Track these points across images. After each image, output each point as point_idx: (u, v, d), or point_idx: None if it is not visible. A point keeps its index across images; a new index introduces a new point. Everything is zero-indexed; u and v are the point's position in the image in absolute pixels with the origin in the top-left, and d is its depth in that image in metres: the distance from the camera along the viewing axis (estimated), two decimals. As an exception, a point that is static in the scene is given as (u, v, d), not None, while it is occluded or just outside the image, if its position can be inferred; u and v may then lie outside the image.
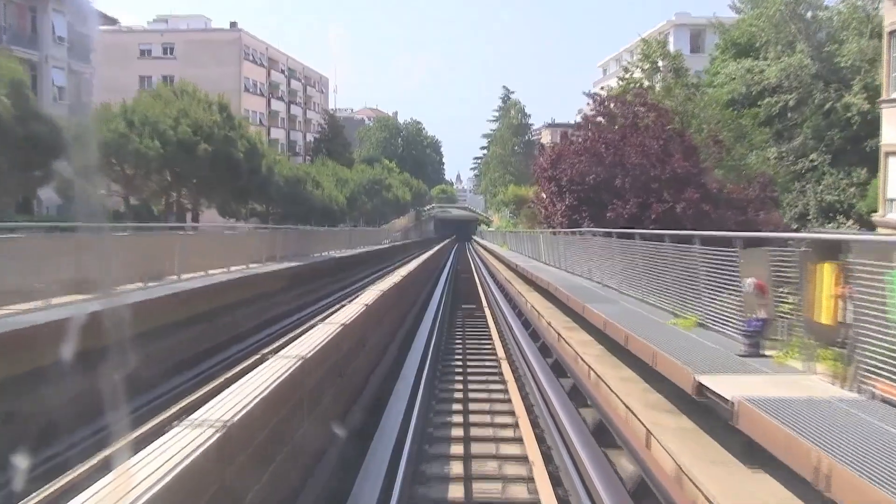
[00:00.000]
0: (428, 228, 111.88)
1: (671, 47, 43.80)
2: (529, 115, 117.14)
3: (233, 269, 17.67)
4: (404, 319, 16.96)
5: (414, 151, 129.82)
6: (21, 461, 5.97)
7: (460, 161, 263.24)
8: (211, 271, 16.02)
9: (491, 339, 16.72)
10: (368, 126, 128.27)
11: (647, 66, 36.20)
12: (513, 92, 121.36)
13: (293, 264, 21.36)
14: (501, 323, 19.39)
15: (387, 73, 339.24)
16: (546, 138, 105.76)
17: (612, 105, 24.84)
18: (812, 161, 35.45)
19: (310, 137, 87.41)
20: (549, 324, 14.85)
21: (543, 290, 19.28)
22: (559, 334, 13.49)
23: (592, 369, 10.18)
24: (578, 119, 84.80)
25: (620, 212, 21.69)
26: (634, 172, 22.30)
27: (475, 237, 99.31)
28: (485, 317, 20.37)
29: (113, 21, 53.55)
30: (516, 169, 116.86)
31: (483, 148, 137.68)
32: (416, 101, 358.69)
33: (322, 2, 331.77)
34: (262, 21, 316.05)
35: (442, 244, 67.57)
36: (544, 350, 14.64)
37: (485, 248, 54.33)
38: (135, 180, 23.22)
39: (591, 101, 25.74)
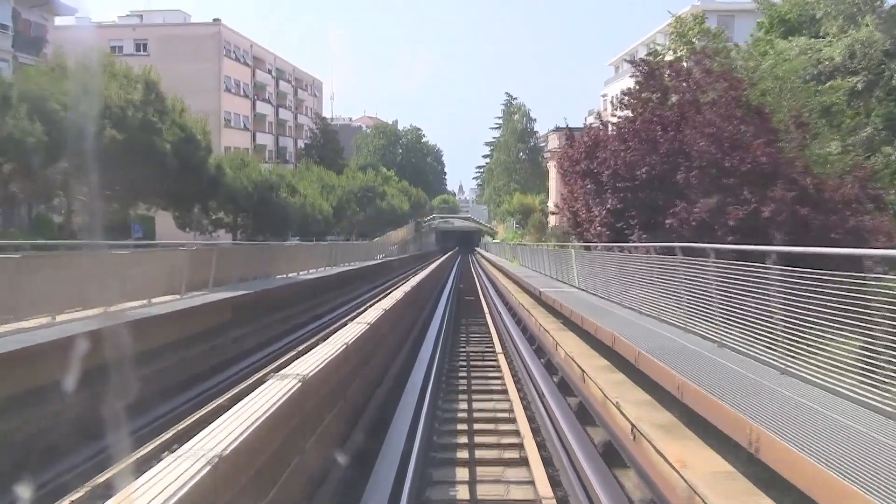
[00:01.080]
0: (429, 241, 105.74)
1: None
2: (535, 120, 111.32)
3: (120, 307, 11.59)
4: (375, 388, 10.80)
5: (414, 159, 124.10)
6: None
7: (462, 172, 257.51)
8: (64, 317, 9.87)
9: (513, 413, 10.57)
10: (366, 133, 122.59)
11: (681, 47, 30.18)
12: (515, 98, 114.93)
13: (230, 295, 15.25)
14: (526, 385, 13.24)
15: (386, 82, 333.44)
16: (553, 143, 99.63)
17: (665, 74, 18.72)
18: (887, 156, 29.45)
19: (302, 144, 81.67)
20: (612, 403, 8.73)
21: (580, 328, 13.23)
22: (636, 430, 7.40)
23: None
24: (591, 120, 78.40)
25: (685, 217, 15.58)
26: (701, 164, 16.21)
27: (479, 249, 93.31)
28: (501, 372, 14.17)
29: (72, 11, 47.76)
30: (521, 177, 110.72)
31: (486, 156, 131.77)
32: (417, 112, 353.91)
33: (322, 3, 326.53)
34: (261, 23, 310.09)
35: (443, 258, 61.47)
36: (611, 455, 8.51)
37: (491, 263, 48.21)
38: (13, 178, 17.10)
39: (636, 73, 19.56)
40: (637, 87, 19.08)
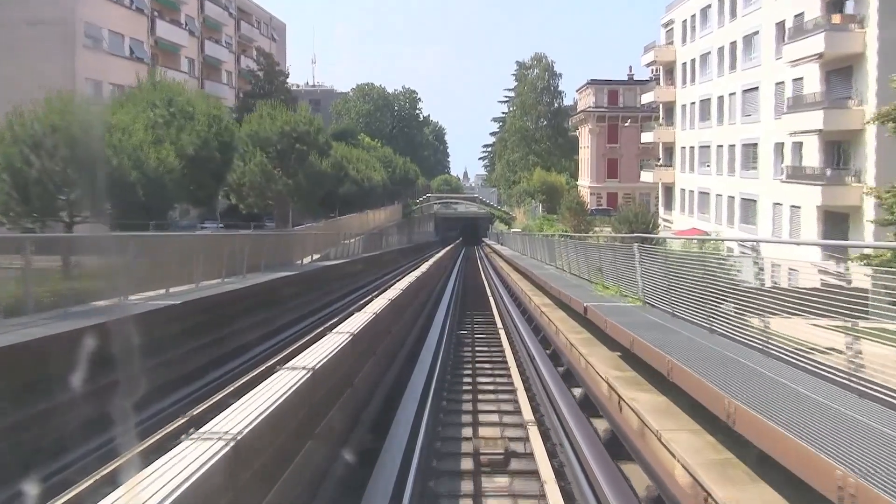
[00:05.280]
0: (425, 229, 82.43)
1: None
2: (560, 75, 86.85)
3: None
4: None
5: (407, 130, 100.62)
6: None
7: (467, 162, 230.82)
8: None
9: None
10: (347, 97, 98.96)
11: None
12: (528, 68, 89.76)
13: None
14: None
15: (387, 71, 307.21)
16: (589, 100, 76.20)
17: None
18: None
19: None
20: None
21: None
22: None
23: None
24: (649, 58, 50.76)
25: None
26: None
27: (487, 241, 69.53)
28: None
29: None
30: (542, 148, 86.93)
31: (493, 133, 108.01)
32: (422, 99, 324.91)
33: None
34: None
35: (438, 257, 38.56)
36: None
37: (523, 275, 24.83)
38: None
39: None
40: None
